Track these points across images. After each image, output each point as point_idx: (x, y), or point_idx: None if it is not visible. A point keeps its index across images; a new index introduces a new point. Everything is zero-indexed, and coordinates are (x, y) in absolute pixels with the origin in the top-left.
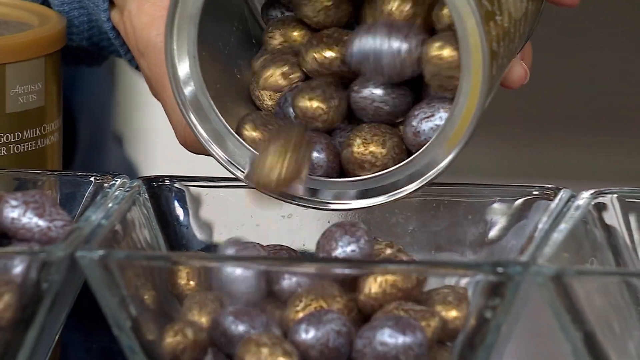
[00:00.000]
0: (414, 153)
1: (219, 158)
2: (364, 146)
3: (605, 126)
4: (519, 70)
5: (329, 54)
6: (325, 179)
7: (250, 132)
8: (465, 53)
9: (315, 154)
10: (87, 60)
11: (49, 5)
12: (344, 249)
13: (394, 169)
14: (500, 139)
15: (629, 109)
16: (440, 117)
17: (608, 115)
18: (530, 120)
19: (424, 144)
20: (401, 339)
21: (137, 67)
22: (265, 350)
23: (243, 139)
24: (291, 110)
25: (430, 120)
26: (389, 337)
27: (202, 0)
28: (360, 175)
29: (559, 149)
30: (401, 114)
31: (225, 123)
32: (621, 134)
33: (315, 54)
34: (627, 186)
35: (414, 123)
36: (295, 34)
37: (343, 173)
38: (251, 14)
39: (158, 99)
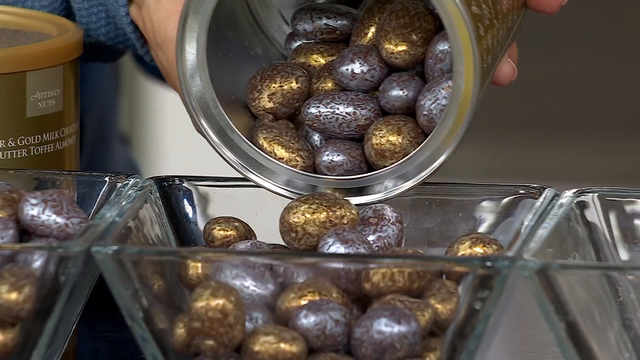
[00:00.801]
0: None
1: (231, 162)
2: (382, 137)
3: (587, 131)
4: (507, 67)
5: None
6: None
7: (263, 141)
8: (454, 38)
9: (336, 156)
10: (101, 56)
11: (71, 16)
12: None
13: (412, 155)
14: (489, 143)
15: (610, 115)
16: (444, 97)
17: (589, 121)
18: (517, 126)
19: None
20: (396, 328)
21: (152, 61)
22: (271, 338)
23: (256, 145)
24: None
25: (437, 102)
26: (385, 326)
27: (214, 3)
28: (386, 165)
29: (543, 152)
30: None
31: (235, 129)
32: (602, 138)
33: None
34: (607, 186)
35: (425, 111)
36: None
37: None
38: (257, 29)
39: (176, 89)
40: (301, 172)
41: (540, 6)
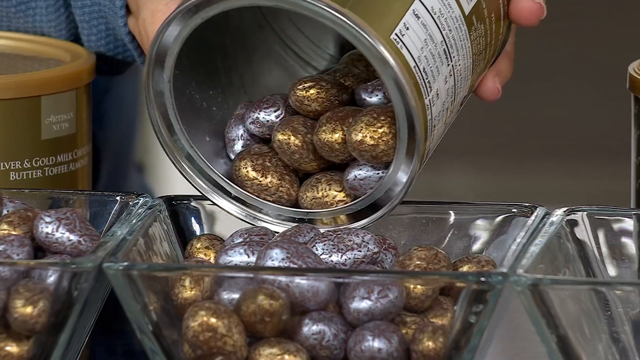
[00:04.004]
0: None
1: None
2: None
3: (575, 155)
4: (491, 87)
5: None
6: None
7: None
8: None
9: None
10: (104, 69)
11: (79, 41)
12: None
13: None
14: (482, 168)
15: (597, 140)
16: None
17: (578, 146)
18: (508, 151)
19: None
20: (377, 345)
21: None
22: (275, 350)
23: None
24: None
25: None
26: (368, 343)
27: (183, 37)
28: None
29: (533, 175)
30: None
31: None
32: (589, 162)
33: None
34: (595, 205)
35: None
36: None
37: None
38: (282, 43)
39: None
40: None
41: (520, 20)
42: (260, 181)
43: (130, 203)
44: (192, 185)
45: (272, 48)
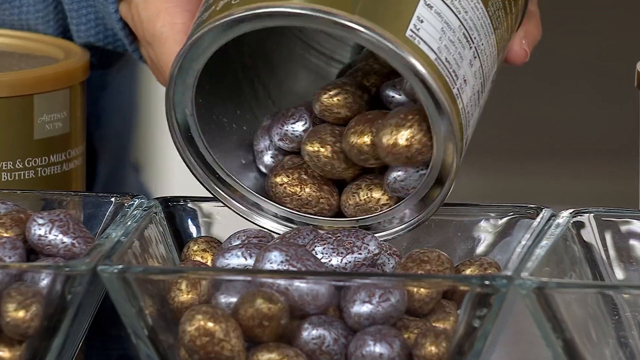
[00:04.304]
0: None
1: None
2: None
3: (582, 155)
4: (517, 50)
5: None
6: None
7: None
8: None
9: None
10: (93, 61)
11: (69, 38)
12: None
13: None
14: (487, 168)
15: (604, 140)
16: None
17: (585, 146)
18: (514, 152)
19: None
20: (378, 349)
21: (141, 58)
22: (274, 355)
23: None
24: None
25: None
26: (368, 347)
27: (205, 59)
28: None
29: (539, 176)
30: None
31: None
32: (596, 162)
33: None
34: (602, 207)
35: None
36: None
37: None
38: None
39: (164, 85)
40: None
41: (509, 61)
42: (299, 195)
43: (126, 204)
44: (233, 210)
45: (293, 51)
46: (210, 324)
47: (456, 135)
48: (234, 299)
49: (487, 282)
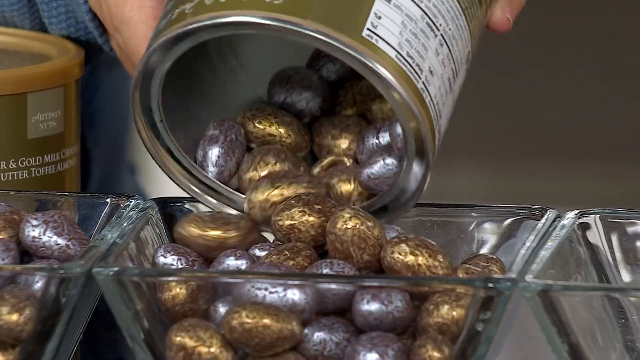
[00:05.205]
0: None
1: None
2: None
3: (587, 155)
4: (500, 18)
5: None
6: None
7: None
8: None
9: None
10: None
11: (44, 28)
12: None
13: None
14: (490, 168)
15: (611, 140)
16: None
17: (590, 145)
18: (517, 151)
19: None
20: (375, 354)
21: (111, 50)
22: None
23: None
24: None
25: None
26: (366, 352)
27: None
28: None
29: (543, 176)
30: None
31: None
32: (603, 162)
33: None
34: (608, 208)
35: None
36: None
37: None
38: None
39: (131, 73)
40: None
41: (491, 29)
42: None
43: (121, 205)
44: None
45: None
46: (189, 341)
47: (425, 127)
48: (230, 304)
49: (490, 285)
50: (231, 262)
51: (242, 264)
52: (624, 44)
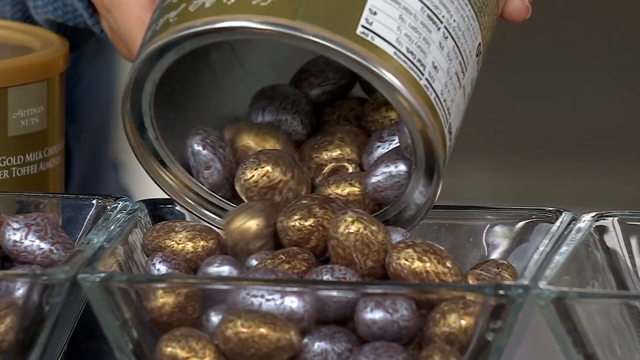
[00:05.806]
0: None
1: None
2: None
3: (605, 154)
4: (516, 4)
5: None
6: None
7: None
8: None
9: None
10: None
11: (30, 19)
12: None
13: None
14: (502, 168)
15: (629, 139)
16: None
17: (608, 144)
18: (530, 150)
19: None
20: None
21: (102, 32)
22: None
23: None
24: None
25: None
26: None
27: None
28: None
29: (557, 176)
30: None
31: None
32: (621, 162)
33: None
34: (627, 210)
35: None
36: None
37: None
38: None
39: (122, 53)
40: None
41: (507, 18)
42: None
43: (108, 207)
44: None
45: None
46: (180, 352)
47: (432, 126)
48: (223, 313)
49: (501, 292)
50: (214, 270)
51: (225, 270)
52: (635, 41)
